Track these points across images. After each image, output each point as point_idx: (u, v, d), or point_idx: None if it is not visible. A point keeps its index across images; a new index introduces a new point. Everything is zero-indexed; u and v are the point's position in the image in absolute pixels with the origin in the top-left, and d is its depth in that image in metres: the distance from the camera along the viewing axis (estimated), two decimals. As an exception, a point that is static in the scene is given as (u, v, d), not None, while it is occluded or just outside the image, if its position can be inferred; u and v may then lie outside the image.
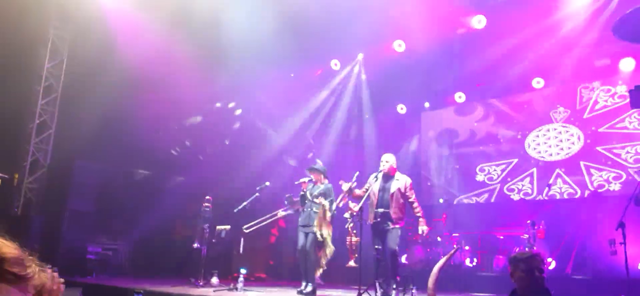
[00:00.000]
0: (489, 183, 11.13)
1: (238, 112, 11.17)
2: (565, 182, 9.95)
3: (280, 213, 8.28)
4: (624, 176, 9.18)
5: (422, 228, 5.95)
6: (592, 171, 9.66)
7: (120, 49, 8.70)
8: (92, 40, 8.74)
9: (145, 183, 10.07)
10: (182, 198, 10.24)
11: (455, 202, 11.40)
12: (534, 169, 10.41)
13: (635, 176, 8.69)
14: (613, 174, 9.36)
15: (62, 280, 1.54)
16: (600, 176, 9.52)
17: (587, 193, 9.51)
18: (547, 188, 7.31)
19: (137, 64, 8.61)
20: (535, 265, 2.74)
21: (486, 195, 11.14)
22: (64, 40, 9.55)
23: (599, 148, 9.62)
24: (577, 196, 9.66)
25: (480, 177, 11.29)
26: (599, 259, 8.19)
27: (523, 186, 10.57)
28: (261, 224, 7.86)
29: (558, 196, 9.82)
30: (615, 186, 9.26)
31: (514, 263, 2.83)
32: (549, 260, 8.62)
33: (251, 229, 7.75)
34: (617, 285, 5.94)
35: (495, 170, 11.08)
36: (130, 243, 9.97)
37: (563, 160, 10.06)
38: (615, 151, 9.45)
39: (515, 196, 10.46)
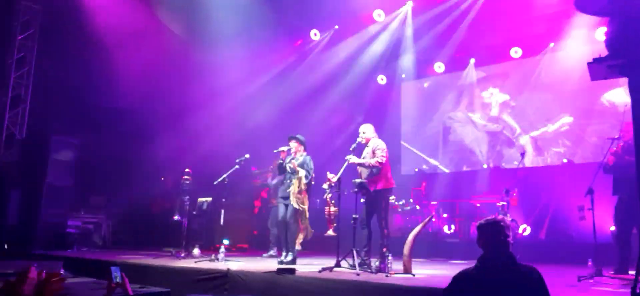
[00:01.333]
0: (468, 152, 11.32)
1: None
2: (539, 150, 10.19)
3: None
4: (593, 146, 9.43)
5: (352, 158, 5.96)
6: (565, 141, 9.90)
7: (93, 19, 8.53)
8: (64, 10, 8.53)
9: (125, 156, 9.98)
10: (162, 171, 10.22)
11: (433, 171, 11.60)
12: (512, 138, 10.63)
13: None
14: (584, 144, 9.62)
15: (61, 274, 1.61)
16: (571, 144, 9.77)
17: (565, 160, 9.74)
18: (521, 157, 7.46)
19: (111, 32, 8.45)
20: (499, 230, 2.82)
21: (465, 164, 11.35)
22: (36, 11, 9.29)
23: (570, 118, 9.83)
24: (550, 164, 9.91)
25: (459, 146, 11.48)
26: (570, 224, 8.46)
27: (500, 154, 10.79)
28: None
29: (532, 165, 10.06)
30: (584, 157, 9.52)
31: (480, 230, 2.92)
32: (524, 226, 8.88)
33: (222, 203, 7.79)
34: (587, 249, 6.14)
35: (474, 140, 11.26)
36: (111, 217, 9.95)
37: (540, 129, 10.30)
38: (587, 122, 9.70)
39: (493, 164, 10.67)
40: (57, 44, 8.93)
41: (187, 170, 8.27)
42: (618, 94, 9.25)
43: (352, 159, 5.96)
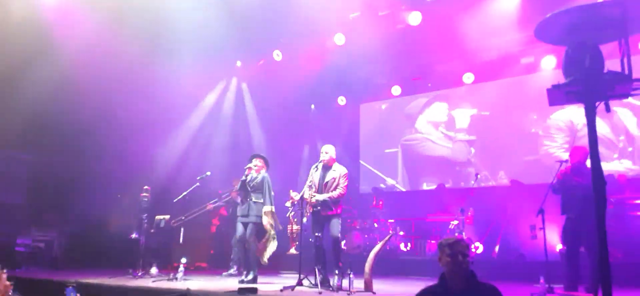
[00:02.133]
0: (424, 171, 11.69)
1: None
2: (492, 171, 10.65)
3: (210, 205, 8.32)
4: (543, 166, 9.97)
5: (318, 195, 6.10)
6: (516, 161, 10.41)
7: (50, 31, 8.33)
8: (26, 28, 8.29)
9: (79, 173, 9.69)
10: (118, 188, 9.99)
11: (390, 189, 11.89)
12: (464, 159, 11.07)
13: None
14: (537, 164, 10.15)
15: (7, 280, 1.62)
16: (524, 164, 10.30)
17: (505, 181, 10.20)
18: (475, 177, 7.79)
19: (68, 47, 8.28)
20: (460, 249, 2.96)
21: (422, 182, 11.71)
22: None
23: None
24: (502, 185, 10.36)
25: (415, 166, 11.84)
26: (521, 243, 8.85)
27: (454, 174, 11.20)
28: (190, 217, 7.87)
29: (485, 185, 10.48)
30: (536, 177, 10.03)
31: (441, 248, 3.06)
32: (477, 244, 9.21)
33: (180, 222, 7.74)
34: (537, 267, 6.44)
35: (430, 159, 11.65)
36: (63, 235, 9.59)
37: (491, 150, 10.78)
38: (536, 143, 10.26)
39: (448, 184, 11.05)
40: (10, 55, 8.62)
41: (145, 187, 8.14)
42: (568, 113, 9.91)
43: (319, 197, 6.06)
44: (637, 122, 9.16)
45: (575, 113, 9.80)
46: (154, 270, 7.70)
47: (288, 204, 6.22)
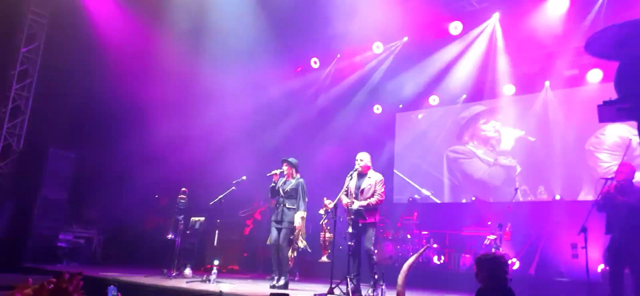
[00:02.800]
0: (460, 183, 11.47)
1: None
2: (532, 186, 10.34)
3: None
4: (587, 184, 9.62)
5: (356, 202, 6.03)
6: (559, 177, 10.08)
7: (98, 35, 8.65)
8: (70, 25, 8.64)
9: (120, 173, 9.99)
10: (157, 189, 10.24)
11: (425, 201, 11.72)
12: (505, 172, 10.80)
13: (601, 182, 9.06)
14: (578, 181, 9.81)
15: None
16: (566, 181, 9.96)
17: (558, 196, 9.87)
18: (514, 191, 7.59)
19: (115, 51, 8.56)
20: (499, 266, 2.89)
21: (460, 195, 11.49)
22: (42, 25, 9.41)
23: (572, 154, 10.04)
24: (542, 200, 10.06)
25: (451, 178, 11.63)
26: (560, 261, 8.55)
27: (493, 192, 10.94)
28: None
29: (523, 199, 10.19)
30: (579, 194, 9.69)
31: (479, 264, 2.99)
32: (513, 260, 8.96)
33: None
34: (578, 287, 6.20)
35: (467, 171, 11.42)
36: (103, 232, 9.90)
37: (533, 165, 10.47)
38: (581, 159, 9.91)
39: (485, 198, 10.80)
40: (61, 57, 9.00)
41: (183, 189, 8.30)
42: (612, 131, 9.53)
43: (358, 204, 6.04)
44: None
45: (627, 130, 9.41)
46: (188, 271, 7.81)
47: (322, 211, 6.21)
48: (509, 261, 8.57)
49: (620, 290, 5.52)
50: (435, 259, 9.93)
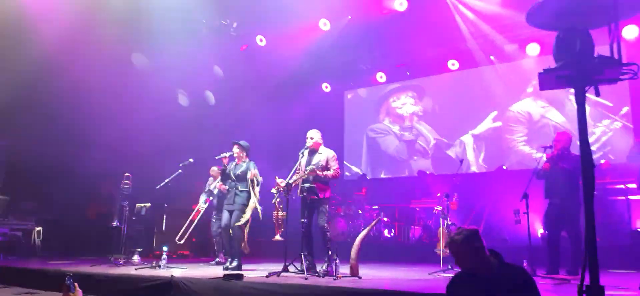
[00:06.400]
0: (405, 158, 11.75)
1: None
2: (476, 157, 10.75)
3: (201, 205, 8.24)
4: (527, 152, 10.11)
5: (311, 166, 5.95)
6: (500, 147, 10.54)
7: (27, 18, 8.09)
8: (3, 9, 8.04)
9: (57, 161, 9.47)
10: (99, 176, 9.82)
11: (374, 177, 11.94)
12: (427, 149, 11.20)
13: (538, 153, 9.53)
14: (519, 152, 10.29)
15: None
16: (507, 151, 10.42)
17: (504, 167, 10.33)
18: (459, 163, 7.85)
19: (49, 35, 8.05)
20: (472, 239, 2.89)
21: (404, 170, 11.77)
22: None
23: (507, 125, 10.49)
24: (485, 171, 10.48)
25: (398, 153, 11.89)
26: (503, 228, 8.97)
27: (437, 160, 11.29)
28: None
29: (468, 171, 10.58)
30: (518, 163, 10.18)
31: (452, 251, 2.98)
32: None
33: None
34: (520, 251, 6.51)
35: (413, 146, 11.71)
36: (41, 223, 9.39)
37: (475, 136, 10.88)
38: (518, 129, 10.38)
39: (430, 170, 11.13)
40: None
41: (126, 174, 8.01)
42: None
43: (313, 169, 5.96)
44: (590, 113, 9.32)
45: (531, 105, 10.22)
46: (136, 258, 7.64)
47: (274, 190, 6.16)
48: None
49: (558, 252, 5.85)
50: (386, 232, 10.17)
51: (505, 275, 2.85)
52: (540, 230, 8.37)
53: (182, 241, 7.87)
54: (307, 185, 6.04)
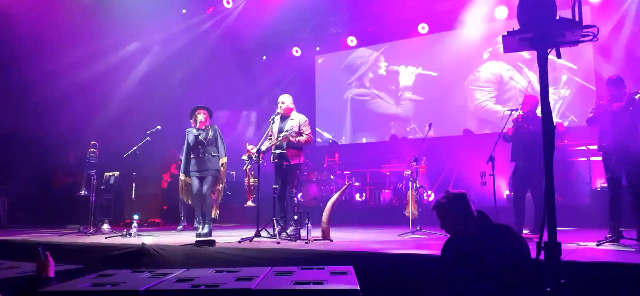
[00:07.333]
0: (377, 122, 11.84)
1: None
2: (445, 121, 10.91)
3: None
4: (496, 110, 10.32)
5: (283, 135, 5.96)
6: (466, 111, 10.71)
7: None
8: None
9: (23, 129, 9.16)
10: (65, 144, 9.58)
11: (346, 142, 12.01)
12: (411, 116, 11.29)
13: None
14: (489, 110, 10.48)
15: None
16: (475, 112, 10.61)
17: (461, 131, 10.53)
18: (427, 127, 7.96)
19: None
20: (459, 202, 2.97)
21: (374, 135, 11.87)
22: None
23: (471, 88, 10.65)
24: (453, 135, 10.66)
25: (369, 118, 11.97)
26: (470, 190, 9.17)
27: (407, 125, 11.42)
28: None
29: (437, 135, 10.74)
30: (485, 125, 10.39)
31: (440, 216, 3.04)
32: (429, 192, 9.52)
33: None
34: (487, 213, 6.69)
35: (383, 110, 11.79)
36: (6, 194, 9.14)
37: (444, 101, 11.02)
38: (483, 92, 10.56)
39: (400, 135, 11.25)
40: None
41: (93, 142, 7.82)
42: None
43: (286, 136, 5.94)
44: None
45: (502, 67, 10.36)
46: (106, 227, 7.51)
47: (244, 157, 6.14)
48: (425, 194, 9.08)
49: (522, 212, 6.05)
50: (357, 196, 10.31)
51: (493, 235, 2.94)
52: (506, 192, 8.63)
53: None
54: (279, 151, 6.04)
